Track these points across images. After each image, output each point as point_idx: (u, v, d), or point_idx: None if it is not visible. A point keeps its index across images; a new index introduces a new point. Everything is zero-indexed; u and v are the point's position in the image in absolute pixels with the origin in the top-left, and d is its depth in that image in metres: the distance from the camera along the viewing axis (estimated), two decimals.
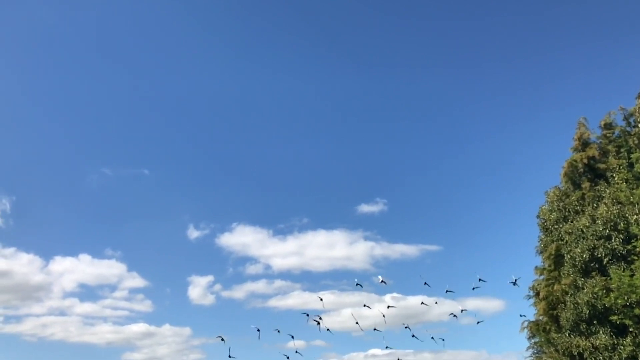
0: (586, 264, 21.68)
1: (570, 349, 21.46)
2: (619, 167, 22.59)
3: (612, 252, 20.91)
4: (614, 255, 20.88)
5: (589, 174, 24.54)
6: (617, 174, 22.44)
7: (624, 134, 23.99)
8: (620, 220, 20.85)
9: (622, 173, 22.11)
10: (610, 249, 20.95)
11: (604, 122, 24.98)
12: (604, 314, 20.45)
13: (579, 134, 25.27)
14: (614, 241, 20.87)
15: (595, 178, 24.19)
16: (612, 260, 20.86)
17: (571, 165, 24.91)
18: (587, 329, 21.18)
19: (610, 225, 21.06)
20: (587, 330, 21.16)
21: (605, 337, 20.34)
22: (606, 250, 21.02)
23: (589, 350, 20.66)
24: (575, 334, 21.55)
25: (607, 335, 20.35)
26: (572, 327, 21.58)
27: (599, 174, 24.15)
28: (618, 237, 20.82)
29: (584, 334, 21.26)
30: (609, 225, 21.09)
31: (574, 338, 21.43)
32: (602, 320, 20.71)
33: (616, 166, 22.79)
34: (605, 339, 20.30)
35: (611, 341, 20.17)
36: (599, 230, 21.31)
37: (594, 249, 21.36)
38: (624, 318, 19.52)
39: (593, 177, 24.33)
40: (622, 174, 22.05)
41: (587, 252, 21.50)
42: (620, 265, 20.31)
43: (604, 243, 21.13)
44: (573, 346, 21.30)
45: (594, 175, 24.33)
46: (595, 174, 24.33)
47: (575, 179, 24.92)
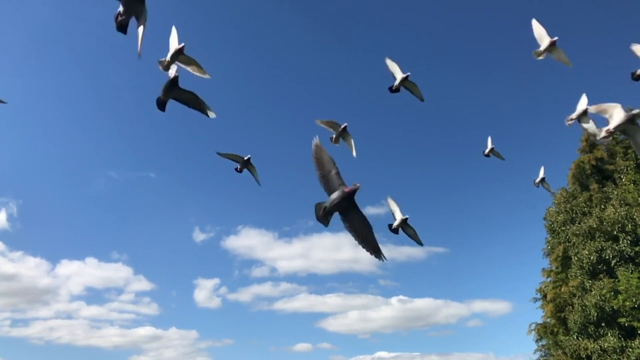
0: (594, 265, 21.56)
1: (578, 351, 21.31)
2: (626, 169, 22.48)
3: (619, 254, 20.78)
4: (622, 257, 20.75)
5: (596, 176, 24.42)
6: (624, 176, 22.34)
7: None
8: (628, 222, 20.73)
9: (629, 174, 22.01)
10: (618, 251, 20.81)
11: None
12: (612, 316, 20.31)
13: (586, 135, 25.17)
14: (622, 243, 20.75)
15: (602, 179, 24.06)
16: (620, 262, 20.73)
17: (578, 167, 24.79)
18: (595, 332, 21.02)
19: (618, 226, 20.94)
20: (595, 332, 21.01)
21: (614, 340, 20.17)
22: (614, 252, 20.89)
23: (597, 353, 20.50)
24: (583, 336, 21.39)
25: (615, 338, 20.18)
26: (580, 329, 21.42)
27: (606, 176, 24.02)
28: (626, 238, 20.69)
29: (592, 337, 21.11)
30: (616, 226, 20.99)
31: (582, 340, 21.27)
32: (610, 322, 20.56)
33: (623, 167, 22.69)
34: (613, 342, 20.14)
35: (620, 344, 20.00)
36: (606, 232, 21.21)
37: (602, 251, 21.25)
38: (632, 320, 19.38)
39: (600, 178, 24.21)
40: (630, 175, 21.96)
41: (595, 253, 21.38)
42: (628, 267, 20.18)
43: (611, 245, 21.02)
44: (581, 349, 21.15)
45: (602, 177, 24.20)
46: (603, 175, 24.20)
47: (583, 180, 24.80)
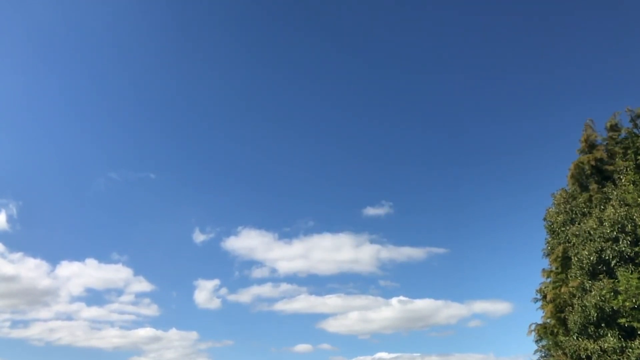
0: (593, 266, 21.58)
1: (578, 352, 21.32)
2: (626, 169, 22.48)
3: (619, 254, 20.80)
4: (622, 257, 20.77)
5: (596, 176, 24.45)
6: (624, 176, 22.35)
7: (631, 135, 23.89)
8: (627, 222, 20.74)
9: (629, 175, 22.02)
10: (617, 251, 20.84)
11: (609, 124, 24.90)
12: (612, 316, 20.32)
13: (585, 135, 25.21)
14: (622, 243, 20.75)
15: (602, 180, 24.09)
16: (620, 263, 20.75)
17: (578, 167, 24.85)
18: (595, 332, 21.04)
19: (618, 227, 20.95)
20: (595, 333, 21.02)
21: (614, 340, 20.18)
22: (613, 253, 20.92)
23: (597, 353, 20.51)
24: (583, 336, 21.41)
25: (615, 338, 20.19)
26: (580, 329, 21.44)
27: (606, 176, 24.05)
28: (625, 239, 20.70)
29: (592, 337, 21.12)
30: (616, 227, 20.98)
31: (582, 341, 21.29)
32: (610, 322, 20.57)
33: (623, 168, 22.70)
34: (613, 342, 20.15)
35: (620, 344, 20.01)
36: (606, 232, 21.21)
37: (602, 251, 21.27)
38: (632, 321, 19.36)
39: (600, 179, 24.23)
40: (630, 175, 21.96)
41: (595, 254, 21.42)
42: (628, 268, 20.19)
43: (611, 245, 21.04)
44: (581, 349, 21.16)
45: (601, 177, 24.23)
46: (602, 175, 24.23)
47: (582, 180, 24.85)
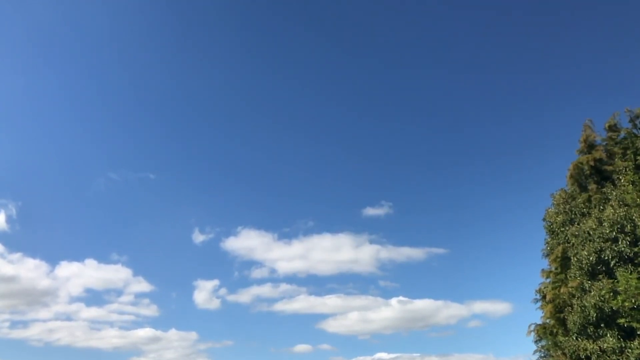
0: (593, 266, 21.60)
1: (577, 352, 21.33)
2: (625, 169, 22.50)
3: (619, 255, 20.82)
4: (621, 257, 20.78)
5: (595, 176, 24.46)
6: (623, 176, 22.37)
7: (630, 135, 23.91)
8: (627, 223, 20.77)
9: (628, 175, 22.03)
10: (617, 252, 20.86)
11: (608, 124, 24.93)
12: (612, 316, 20.32)
13: (584, 136, 25.23)
14: (621, 243, 20.78)
15: (601, 180, 24.11)
16: (619, 263, 20.76)
17: (577, 168, 24.86)
18: (594, 332, 21.05)
19: (617, 227, 20.97)
20: (595, 333, 21.03)
21: (613, 340, 20.18)
22: (613, 253, 20.94)
23: (597, 354, 20.52)
24: (582, 337, 21.42)
25: (614, 338, 20.20)
26: (579, 330, 21.45)
27: (605, 176, 24.07)
28: (625, 239, 20.72)
29: (591, 337, 21.13)
30: (615, 227, 21.01)
31: (581, 341, 21.30)
32: (609, 323, 20.58)
33: (622, 168, 22.71)
34: (613, 342, 20.16)
35: (619, 344, 20.02)
36: (605, 233, 21.24)
37: (601, 252, 21.29)
38: (631, 321, 19.35)
39: (599, 179, 24.25)
40: (629, 176, 21.97)
41: (594, 254, 21.44)
42: (627, 268, 20.19)
43: (610, 245, 21.06)
44: (580, 349, 21.17)
45: (600, 178, 24.25)
46: (602, 176, 24.24)
47: (582, 181, 24.87)
